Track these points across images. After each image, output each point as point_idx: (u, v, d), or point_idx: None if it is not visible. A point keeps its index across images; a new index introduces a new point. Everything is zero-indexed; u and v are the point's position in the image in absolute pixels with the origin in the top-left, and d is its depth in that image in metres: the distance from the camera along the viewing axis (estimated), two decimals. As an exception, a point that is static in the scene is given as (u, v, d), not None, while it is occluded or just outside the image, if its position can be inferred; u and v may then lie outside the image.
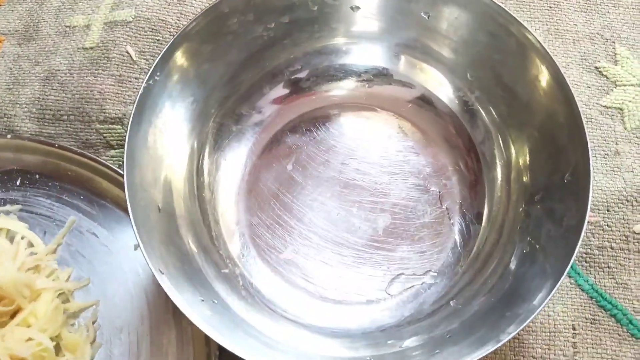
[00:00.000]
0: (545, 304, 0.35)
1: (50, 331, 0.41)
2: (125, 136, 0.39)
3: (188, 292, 0.36)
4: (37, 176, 0.47)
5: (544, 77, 0.41)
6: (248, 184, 0.47)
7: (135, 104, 0.39)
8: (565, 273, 0.35)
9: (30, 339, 0.40)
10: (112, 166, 0.46)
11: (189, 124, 0.45)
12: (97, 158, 0.46)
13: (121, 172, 0.44)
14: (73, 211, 0.47)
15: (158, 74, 0.40)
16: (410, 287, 0.44)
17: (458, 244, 0.45)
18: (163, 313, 0.43)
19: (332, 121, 0.50)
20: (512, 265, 0.41)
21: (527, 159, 0.44)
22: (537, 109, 0.42)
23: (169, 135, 0.42)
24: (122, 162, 0.38)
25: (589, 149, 0.37)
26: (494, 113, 0.46)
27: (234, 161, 0.48)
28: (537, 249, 0.39)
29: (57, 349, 0.42)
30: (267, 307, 0.42)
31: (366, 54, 0.50)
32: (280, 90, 0.50)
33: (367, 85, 0.50)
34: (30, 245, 0.45)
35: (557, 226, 0.39)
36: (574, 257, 0.35)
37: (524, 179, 0.44)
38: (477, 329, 0.37)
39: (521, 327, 0.34)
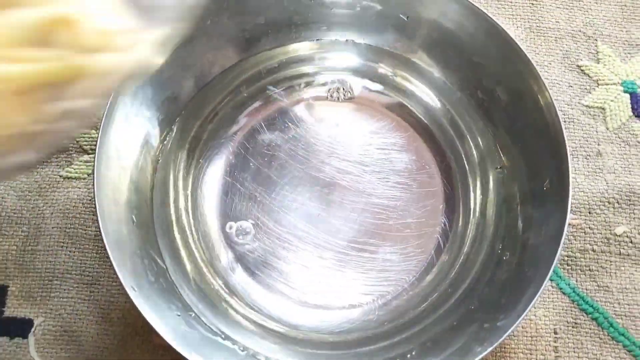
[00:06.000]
0: (526, 314, 0.34)
1: None
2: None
3: (163, 307, 0.35)
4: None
5: (523, 82, 0.41)
6: (224, 186, 0.46)
7: (105, 113, 0.37)
8: (545, 282, 0.35)
9: None
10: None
11: (163, 129, 0.44)
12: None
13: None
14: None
15: (129, 79, 0.39)
16: (392, 291, 0.43)
17: (441, 245, 0.45)
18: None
19: (311, 117, 0.48)
20: (493, 272, 0.40)
21: (506, 163, 0.43)
22: (516, 113, 0.42)
23: (143, 144, 0.41)
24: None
25: (569, 157, 0.37)
26: (474, 117, 0.46)
27: (209, 162, 0.47)
28: (518, 256, 0.39)
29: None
30: (245, 316, 0.42)
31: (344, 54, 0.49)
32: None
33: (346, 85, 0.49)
34: None
35: (537, 233, 0.38)
36: (554, 265, 0.35)
37: (504, 184, 0.44)
38: (457, 339, 0.37)
39: (500, 340, 0.33)
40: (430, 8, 0.43)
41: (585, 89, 0.50)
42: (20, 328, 0.42)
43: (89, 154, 0.48)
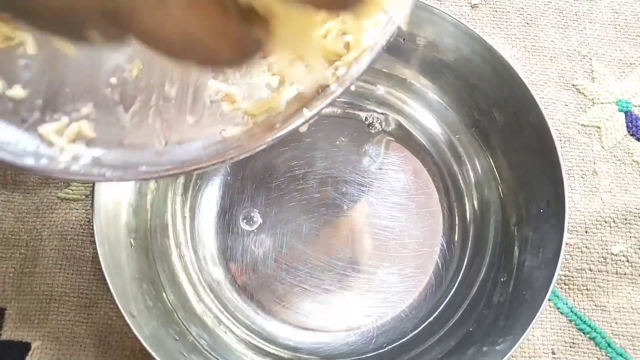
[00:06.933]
0: (525, 337, 0.34)
1: None
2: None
3: (161, 332, 0.35)
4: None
5: (518, 103, 0.41)
6: (222, 207, 0.46)
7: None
8: (543, 305, 0.35)
9: None
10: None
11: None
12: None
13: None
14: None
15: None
16: (391, 313, 0.43)
17: (440, 266, 0.45)
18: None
19: (308, 137, 0.48)
20: (490, 294, 0.40)
21: (503, 186, 0.44)
22: (512, 133, 0.42)
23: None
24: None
25: (565, 177, 0.37)
26: (471, 137, 0.46)
27: (207, 183, 0.47)
28: (515, 277, 0.39)
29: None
30: (243, 339, 0.41)
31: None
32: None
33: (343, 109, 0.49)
34: None
35: (535, 254, 0.38)
36: (551, 288, 0.35)
37: (501, 205, 0.44)
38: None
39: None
40: (426, 30, 0.44)
41: (581, 107, 0.50)
42: (17, 352, 0.42)
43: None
